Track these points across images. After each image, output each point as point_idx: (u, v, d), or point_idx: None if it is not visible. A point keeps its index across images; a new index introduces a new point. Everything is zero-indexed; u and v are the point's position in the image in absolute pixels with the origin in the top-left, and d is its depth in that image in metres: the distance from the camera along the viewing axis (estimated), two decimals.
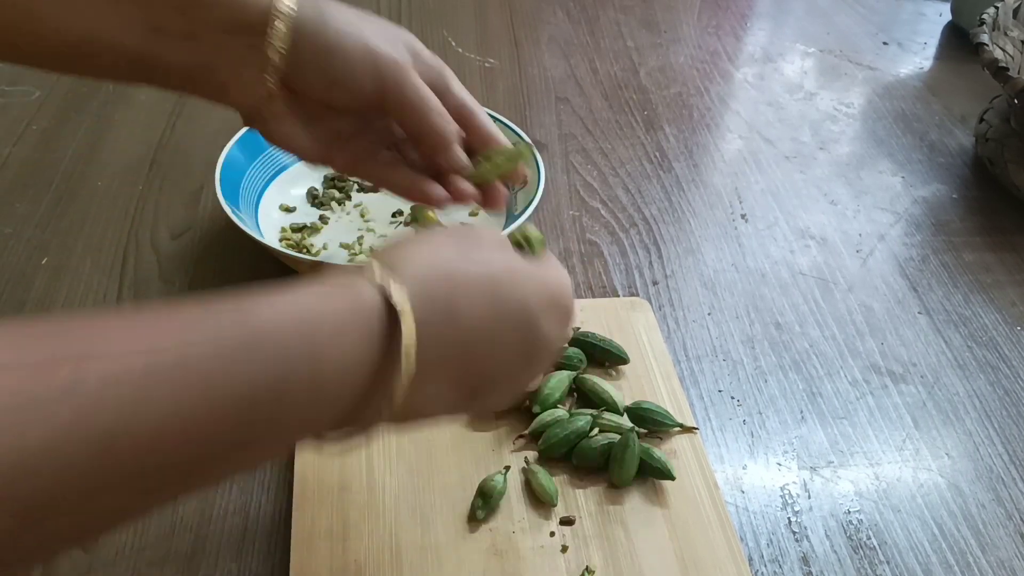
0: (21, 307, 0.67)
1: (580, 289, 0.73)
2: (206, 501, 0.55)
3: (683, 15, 1.18)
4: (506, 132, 0.78)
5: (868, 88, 1.06)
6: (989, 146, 0.91)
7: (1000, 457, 0.63)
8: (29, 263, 0.70)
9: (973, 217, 0.86)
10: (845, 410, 0.65)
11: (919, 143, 0.96)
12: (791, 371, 0.68)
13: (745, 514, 0.58)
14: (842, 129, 0.98)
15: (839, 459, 0.62)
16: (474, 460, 0.57)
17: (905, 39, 1.17)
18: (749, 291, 0.75)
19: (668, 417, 0.60)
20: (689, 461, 0.58)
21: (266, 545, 0.53)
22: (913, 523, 0.58)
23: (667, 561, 0.53)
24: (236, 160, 0.73)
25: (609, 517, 0.55)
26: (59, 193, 0.78)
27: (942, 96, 1.05)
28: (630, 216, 0.82)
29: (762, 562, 0.55)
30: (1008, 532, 0.58)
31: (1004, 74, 0.82)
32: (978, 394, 0.68)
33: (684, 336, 0.70)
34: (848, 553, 0.56)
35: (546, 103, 0.96)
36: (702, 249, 0.79)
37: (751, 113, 0.99)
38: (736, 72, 1.07)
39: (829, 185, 0.89)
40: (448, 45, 1.04)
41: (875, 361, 0.70)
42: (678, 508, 0.56)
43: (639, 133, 0.93)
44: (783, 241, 0.81)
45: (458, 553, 0.52)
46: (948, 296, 0.76)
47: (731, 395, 0.66)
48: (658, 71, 1.04)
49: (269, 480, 0.57)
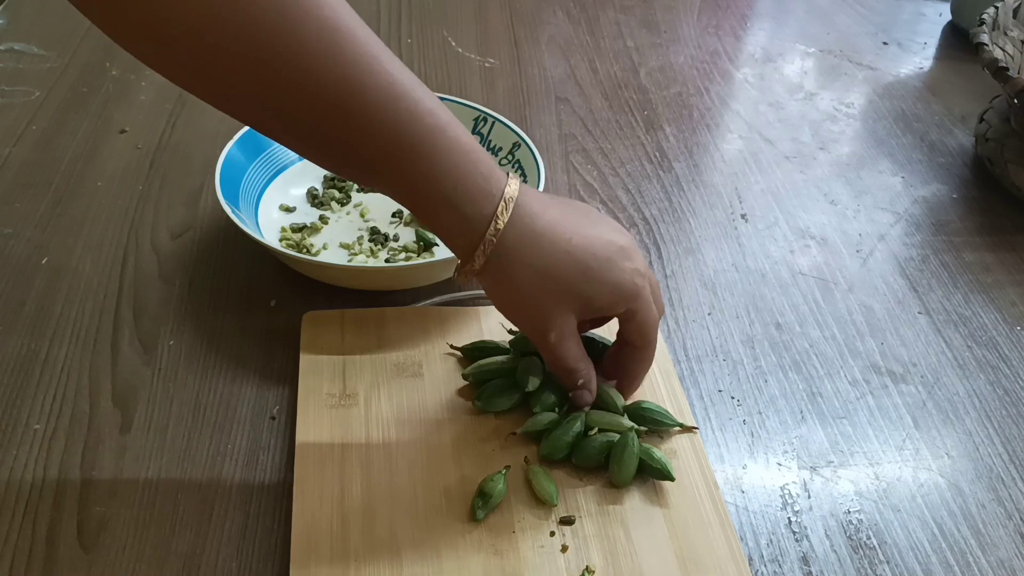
0: (21, 307, 0.67)
1: None
2: (206, 501, 0.55)
3: (683, 15, 1.18)
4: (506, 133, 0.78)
5: (868, 88, 1.06)
6: (989, 146, 0.91)
7: (1000, 457, 0.63)
8: (29, 263, 0.70)
9: (973, 217, 0.86)
10: (845, 410, 0.65)
11: (919, 143, 0.96)
12: (791, 371, 0.68)
13: (745, 514, 0.58)
14: (842, 129, 0.98)
15: (839, 459, 0.62)
16: (474, 460, 0.57)
17: (905, 39, 1.17)
18: (749, 291, 0.75)
19: (668, 416, 0.60)
20: (689, 461, 0.58)
21: (266, 545, 0.53)
22: (913, 523, 0.58)
23: (667, 561, 0.53)
24: (236, 160, 0.73)
25: (609, 517, 0.55)
26: (59, 193, 0.78)
27: (942, 96, 1.05)
28: (630, 216, 0.82)
29: (762, 562, 0.55)
30: (1008, 532, 0.58)
31: (1004, 74, 0.82)
32: (978, 394, 0.68)
33: (684, 336, 0.70)
34: (848, 553, 0.56)
35: (546, 103, 0.96)
36: (702, 249, 0.79)
37: (751, 113, 0.99)
38: (736, 72, 1.07)
39: (829, 185, 0.89)
40: (448, 45, 1.04)
41: (875, 361, 0.70)
42: (678, 508, 0.56)
43: (639, 133, 0.93)
44: (783, 241, 0.81)
45: (458, 553, 0.52)
46: (948, 296, 0.76)
47: (731, 395, 0.66)
48: (658, 71, 1.04)
49: (269, 480, 0.57)
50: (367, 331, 0.65)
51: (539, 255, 0.52)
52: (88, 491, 0.55)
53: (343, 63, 0.45)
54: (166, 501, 0.55)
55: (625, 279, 0.54)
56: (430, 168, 0.49)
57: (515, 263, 0.52)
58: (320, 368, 0.62)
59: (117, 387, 0.62)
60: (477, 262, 0.51)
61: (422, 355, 0.64)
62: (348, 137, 0.47)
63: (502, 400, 0.60)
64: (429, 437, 0.58)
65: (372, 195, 0.79)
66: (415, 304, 0.68)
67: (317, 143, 0.49)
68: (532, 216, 0.52)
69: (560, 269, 0.52)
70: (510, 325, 0.66)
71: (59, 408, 0.60)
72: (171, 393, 0.61)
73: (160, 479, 0.56)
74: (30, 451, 0.57)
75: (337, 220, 0.76)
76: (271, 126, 0.49)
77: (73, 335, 0.65)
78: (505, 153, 0.78)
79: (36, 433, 0.58)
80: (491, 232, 0.50)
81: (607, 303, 0.55)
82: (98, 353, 0.64)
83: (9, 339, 0.64)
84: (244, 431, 0.60)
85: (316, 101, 0.45)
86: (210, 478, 0.57)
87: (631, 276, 0.55)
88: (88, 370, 0.62)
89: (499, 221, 0.50)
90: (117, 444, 0.58)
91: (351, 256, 0.72)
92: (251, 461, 0.58)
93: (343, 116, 0.46)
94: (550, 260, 0.52)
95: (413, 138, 0.48)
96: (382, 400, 0.60)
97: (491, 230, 0.50)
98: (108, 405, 0.60)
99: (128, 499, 0.55)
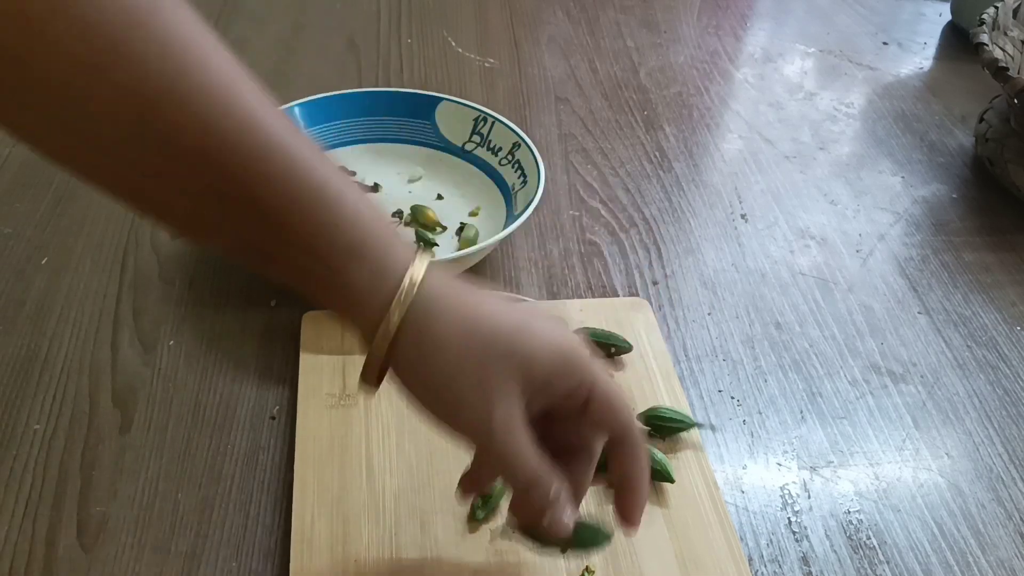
0: (21, 307, 0.67)
1: (580, 289, 0.73)
2: (206, 501, 0.55)
3: (683, 15, 1.18)
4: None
5: (868, 88, 1.06)
6: (989, 146, 0.91)
7: (1000, 457, 0.63)
8: (29, 263, 0.70)
9: (973, 217, 0.86)
10: (845, 410, 0.65)
11: (919, 143, 0.96)
12: (791, 371, 0.68)
13: (745, 514, 0.58)
14: (842, 129, 0.98)
15: (839, 459, 0.62)
16: None
17: (905, 39, 1.17)
18: (749, 291, 0.75)
19: (685, 419, 0.59)
20: (689, 461, 0.58)
21: (266, 545, 0.53)
22: (913, 523, 0.58)
23: (667, 561, 0.53)
24: None
25: (609, 517, 0.55)
26: (59, 193, 0.78)
27: (942, 96, 1.05)
28: (630, 216, 0.82)
29: (762, 562, 0.55)
30: (1008, 532, 0.58)
31: (1004, 74, 0.82)
32: (978, 394, 0.68)
33: (684, 336, 0.70)
34: (848, 553, 0.56)
35: (546, 103, 0.96)
36: (702, 249, 0.79)
37: (751, 113, 0.99)
38: (736, 72, 1.07)
39: (829, 185, 0.89)
40: (448, 45, 1.04)
41: (875, 361, 0.70)
42: (678, 508, 0.56)
43: (639, 133, 0.93)
44: (783, 241, 0.81)
45: (458, 553, 0.52)
46: (948, 296, 0.76)
47: (731, 395, 0.66)
48: (658, 71, 1.04)
49: (269, 480, 0.57)
50: None
51: (465, 307, 0.43)
52: (88, 491, 0.55)
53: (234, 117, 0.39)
54: (166, 501, 0.55)
55: (567, 339, 0.44)
56: (338, 215, 0.41)
57: (438, 321, 0.42)
58: (320, 368, 0.62)
59: (117, 387, 0.62)
60: (394, 318, 0.41)
61: None
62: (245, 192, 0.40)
63: None
64: (429, 437, 0.58)
65: (372, 195, 0.79)
66: None
67: (211, 211, 0.41)
68: (447, 273, 0.44)
69: (493, 319, 0.43)
70: None
71: (59, 408, 0.60)
72: (171, 393, 0.61)
73: (160, 479, 0.56)
74: (30, 451, 0.57)
75: None
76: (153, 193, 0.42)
77: (73, 335, 0.65)
78: (505, 153, 0.78)
79: (36, 433, 0.58)
80: (407, 282, 0.41)
81: (552, 368, 0.43)
82: (98, 353, 0.64)
83: (9, 339, 0.64)
84: (244, 431, 0.60)
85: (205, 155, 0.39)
86: (210, 478, 0.57)
87: (575, 339, 0.45)
88: (88, 370, 0.62)
89: (416, 270, 0.42)
90: (117, 444, 0.58)
91: None
92: (251, 461, 0.58)
93: (234, 169, 0.39)
94: (479, 311, 0.43)
95: (317, 182, 0.40)
96: (382, 400, 0.60)
97: (407, 280, 0.41)
98: (108, 405, 0.60)
99: (128, 499, 0.55)
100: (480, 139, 0.80)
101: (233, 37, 0.98)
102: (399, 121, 0.82)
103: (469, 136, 0.81)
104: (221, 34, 0.39)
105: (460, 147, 0.81)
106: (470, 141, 0.81)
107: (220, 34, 0.39)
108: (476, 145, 0.80)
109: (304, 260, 0.42)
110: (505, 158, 0.78)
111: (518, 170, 0.76)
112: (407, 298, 0.41)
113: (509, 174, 0.77)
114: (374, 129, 0.82)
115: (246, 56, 0.39)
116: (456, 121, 0.81)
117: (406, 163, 0.81)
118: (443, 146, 0.82)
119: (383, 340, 0.42)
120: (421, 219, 0.76)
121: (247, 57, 0.40)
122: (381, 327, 0.41)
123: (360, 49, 1.01)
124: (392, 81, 0.96)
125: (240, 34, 1.03)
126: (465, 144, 0.81)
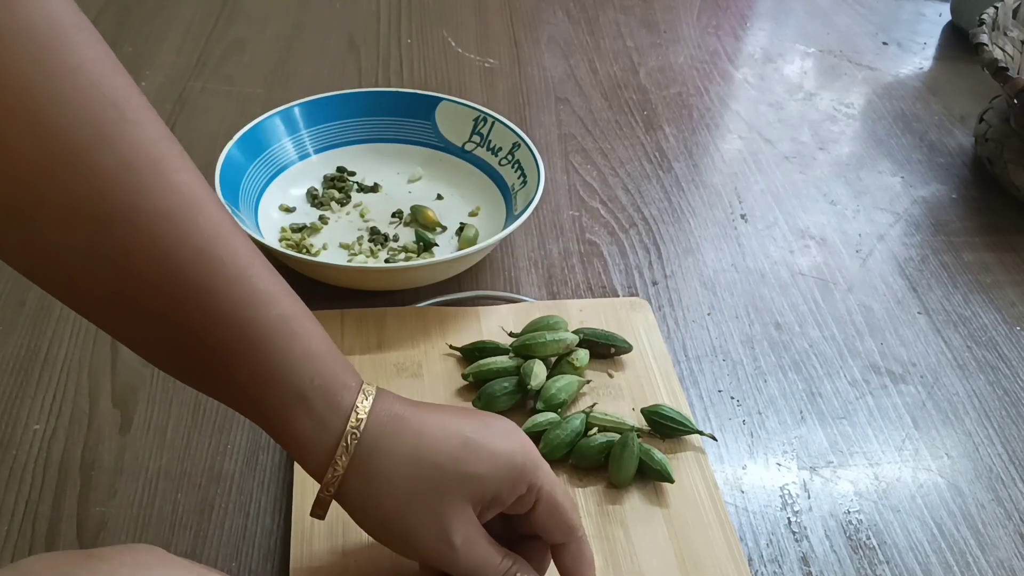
0: (21, 307, 0.67)
1: (580, 289, 0.73)
2: (206, 501, 0.55)
3: (683, 15, 1.18)
4: (515, 170, 0.78)
5: (868, 88, 1.06)
6: (989, 146, 0.91)
7: (1000, 457, 0.63)
8: None
9: (972, 217, 0.86)
10: (845, 410, 0.66)
11: (919, 143, 0.96)
12: (791, 371, 0.68)
13: (745, 514, 0.58)
14: (842, 129, 0.98)
15: (839, 459, 0.62)
16: None
17: (905, 39, 1.17)
18: (749, 291, 0.75)
19: (687, 422, 0.59)
20: (689, 461, 0.58)
21: (266, 545, 0.53)
22: (913, 523, 0.59)
23: (667, 561, 0.53)
24: (236, 160, 0.73)
25: (609, 517, 0.55)
26: None
27: (942, 96, 1.05)
28: (630, 216, 0.82)
29: (762, 562, 0.55)
30: (1008, 532, 0.58)
31: (1004, 74, 0.82)
32: (978, 394, 0.68)
33: (684, 336, 0.70)
34: (848, 553, 0.56)
35: (546, 103, 0.96)
36: (702, 249, 0.79)
37: (751, 113, 0.99)
38: (736, 72, 1.07)
39: (829, 185, 0.89)
40: (448, 45, 1.04)
41: (875, 361, 0.70)
42: (678, 508, 0.56)
43: (639, 133, 0.93)
44: (783, 241, 0.81)
45: None
46: (948, 296, 0.76)
47: (731, 395, 0.66)
48: (658, 71, 1.04)
49: (269, 480, 0.57)
50: (367, 331, 0.65)
51: (409, 437, 0.44)
52: (88, 491, 0.55)
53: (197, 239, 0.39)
54: (166, 501, 0.55)
55: (512, 447, 0.45)
56: (289, 357, 0.41)
57: (384, 460, 0.43)
58: None
59: (117, 387, 0.62)
60: (339, 465, 0.42)
61: (422, 355, 0.64)
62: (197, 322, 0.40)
63: (502, 400, 0.60)
64: None
65: (372, 195, 0.79)
66: (415, 304, 0.68)
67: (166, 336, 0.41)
68: (391, 401, 0.45)
69: (437, 445, 0.44)
70: (510, 326, 0.66)
71: (59, 408, 0.60)
72: (171, 393, 0.61)
73: (160, 479, 0.56)
74: (30, 451, 0.57)
75: (337, 220, 0.76)
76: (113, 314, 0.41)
77: (73, 335, 0.65)
78: (505, 153, 0.78)
79: (36, 433, 0.58)
80: (352, 424, 0.42)
81: (499, 483, 0.45)
82: (98, 353, 0.64)
83: (9, 339, 0.64)
84: (244, 431, 0.60)
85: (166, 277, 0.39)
86: (210, 478, 0.57)
87: (521, 444, 0.46)
88: (88, 370, 0.62)
89: (360, 411, 0.43)
90: (117, 444, 0.58)
91: (351, 256, 0.72)
92: (251, 461, 0.58)
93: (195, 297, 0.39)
94: (422, 440, 0.44)
95: (272, 320, 0.41)
96: None
97: (352, 421, 0.42)
98: (108, 405, 0.60)
99: (128, 499, 0.55)
100: (480, 139, 0.80)
101: (233, 37, 0.98)
102: (399, 121, 0.82)
103: (469, 136, 0.81)
104: (221, 34, 0.39)
105: (460, 147, 0.81)
106: (470, 141, 0.81)
107: (220, 34, 0.39)
108: (476, 145, 0.80)
109: (252, 406, 0.43)
110: (505, 158, 0.78)
111: (518, 170, 0.76)
112: (351, 446, 0.42)
113: (509, 174, 0.77)
114: (374, 129, 0.82)
115: (246, 56, 0.39)
116: (456, 121, 0.81)
117: (406, 163, 0.81)
118: (443, 146, 0.82)
119: (331, 485, 0.43)
120: (421, 219, 0.76)
121: (247, 57, 0.40)
122: (328, 473, 0.43)
123: (360, 49, 1.01)
124: (392, 81, 0.96)
125: (240, 34, 1.03)
126: (465, 144, 0.81)
